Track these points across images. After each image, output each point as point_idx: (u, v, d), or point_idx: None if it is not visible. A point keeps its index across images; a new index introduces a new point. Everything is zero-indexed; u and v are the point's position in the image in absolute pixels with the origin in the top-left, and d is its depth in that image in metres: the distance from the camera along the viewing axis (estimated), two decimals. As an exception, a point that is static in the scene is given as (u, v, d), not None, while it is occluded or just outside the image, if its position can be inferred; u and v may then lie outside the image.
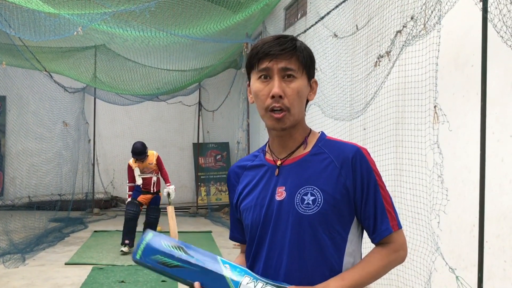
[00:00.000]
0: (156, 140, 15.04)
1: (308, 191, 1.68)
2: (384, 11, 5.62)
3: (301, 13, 9.94)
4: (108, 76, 11.79)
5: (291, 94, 1.67)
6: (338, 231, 1.68)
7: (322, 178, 1.69)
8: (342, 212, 1.68)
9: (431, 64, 4.60)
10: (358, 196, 1.68)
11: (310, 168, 1.72)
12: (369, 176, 1.69)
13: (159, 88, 12.59)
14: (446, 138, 4.68)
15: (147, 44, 9.57)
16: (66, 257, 8.20)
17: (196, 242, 9.59)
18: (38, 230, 9.91)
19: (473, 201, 4.27)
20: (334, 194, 1.66)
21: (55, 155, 13.23)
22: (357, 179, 1.68)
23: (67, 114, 13.05)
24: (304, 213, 1.67)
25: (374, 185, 1.70)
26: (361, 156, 1.70)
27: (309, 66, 1.74)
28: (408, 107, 5.26)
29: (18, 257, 7.87)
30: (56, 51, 10.09)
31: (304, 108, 1.78)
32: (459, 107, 4.66)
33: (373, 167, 1.72)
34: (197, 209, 14.23)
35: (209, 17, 8.39)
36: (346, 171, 1.68)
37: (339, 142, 1.77)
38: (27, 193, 12.88)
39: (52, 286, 6.59)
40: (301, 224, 1.67)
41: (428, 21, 4.39)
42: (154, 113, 15.20)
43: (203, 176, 14.80)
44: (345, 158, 1.69)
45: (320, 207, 1.65)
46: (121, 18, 7.47)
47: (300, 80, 1.70)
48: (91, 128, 14.32)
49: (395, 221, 1.72)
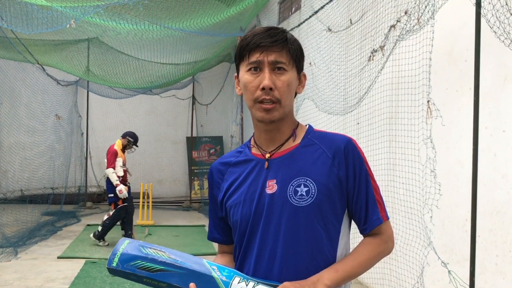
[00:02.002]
0: (150, 134, 15.02)
1: (301, 183, 1.66)
2: (378, 6, 5.62)
3: (295, 7, 9.92)
4: (101, 69, 11.74)
5: (281, 86, 1.66)
6: (332, 223, 1.67)
7: (314, 169, 1.67)
8: (336, 203, 1.67)
9: (424, 59, 4.60)
10: (351, 187, 1.68)
11: (301, 159, 1.71)
12: (360, 166, 1.69)
13: (152, 82, 12.55)
14: (439, 133, 4.69)
15: (140, 37, 9.53)
16: (59, 251, 8.19)
17: (189, 236, 9.60)
18: (30, 224, 9.88)
19: (466, 195, 4.29)
20: (328, 184, 1.65)
21: (48, 148, 13.18)
22: (349, 170, 1.68)
23: (60, 107, 12.99)
24: (298, 204, 1.65)
25: (366, 175, 1.70)
26: (352, 146, 1.70)
27: (299, 59, 1.73)
28: (402, 102, 5.27)
29: (10, 250, 7.85)
30: (49, 43, 10.04)
31: (293, 100, 1.77)
32: (452, 102, 4.67)
33: (364, 157, 1.72)
34: (191, 203, 14.23)
35: (203, 10, 8.36)
36: (339, 161, 1.68)
37: (329, 133, 1.77)
38: (19, 186, 12.83)
39: (45, 280, 6.58)
40: (296, 216, 1.65)
41: (422, 15, 4.39)
42: (147, 107, 15.17)
43: (197, 170, 14.80)
44: (337, 148, 1.69)
45: (315, 198, 1.64)
46: (114, 11, 7.42)
47: (290, 73, 1.68)
48: (84, 121, 14.28)
49: (384, 212, 1.73)
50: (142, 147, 14.83)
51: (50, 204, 11.74)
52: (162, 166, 15.37)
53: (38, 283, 6.43)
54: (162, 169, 15.33)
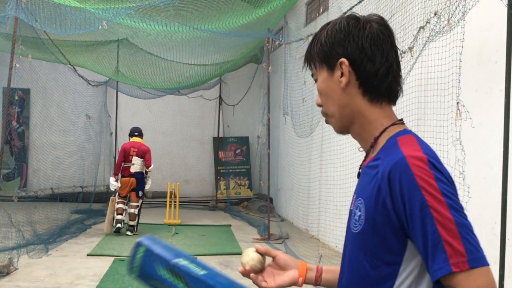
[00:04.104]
0: (177, 134, 15.17)
1: (359, 205, 1.37)
2: (407, 7, 5.60)
3: (322, 8, 9.92)
4: (130, 70, 11.92)
5: (320, 98, 1.47)
6: (384, 260, 1.31)
7: (367, 192, 1.35)
8: (386, 236, 1.29)
9: (454, 61, 4.57)
10: (403, 221, 1.26)
11: (367, 176, 1.38)
12: (412, 195, 1.23)
13: (180, 82, 12.68)
14: (469, 134, 4.66)
15: (169, 38, 9.64)
16: (88, 248, 8.34)
17: (215, 235, 9.67)
18: (61, 222, 10.09)
19: (495, 198, 4.25)
20: (374, 214, 1.30)
21: (78, 147, 13.42)
22: (396, 199, 1.26)
23: (90, 107, 13.21)
24: (352, 229, 1.39)
25: (421, 207, 1.22)
26: (402, 167, 1.25)
27: (323, 56, 1.43)
28: (430, 103, 5.24)
29: (41, 247, 8.01)
30: (80, 44, 10.23)
31: (346, 100, 1.41)
32: (481, 103, 4.63)
33: (421, 182, 1.23)
34: (217, 203, 14.32)
35: (232, 12, 8.43)
36: (385, 187, 1.28)
37: (397, 147, 1.33)
38: (50, 184, 13.07)
39: (75, 277, 6.71)
40: (348, 241, 1.43)
41: (452, 17, 4.37)
42: (175, 107, 15.31)
43: (223, 170, 14.89)
44: (384, 170, 1.29)
45: (362, 227, 1.34)
46: (145, 13, 7.54)
47: (320, 78, 1.44)
48: (113, 121, 14.49)
49: (460, 257, 1.19)
50: (169, 147, 15.01)
51: (79, 202, 11.95)
52: (189, 166, 15.50)
53: (68, 279, 6.56)
54: (189, 169, 15.45)
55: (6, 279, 6.42)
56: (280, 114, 11.58)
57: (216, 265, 7.27)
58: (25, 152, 14.19)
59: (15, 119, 13.83)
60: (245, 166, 15.24)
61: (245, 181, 15.10)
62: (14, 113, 13.77)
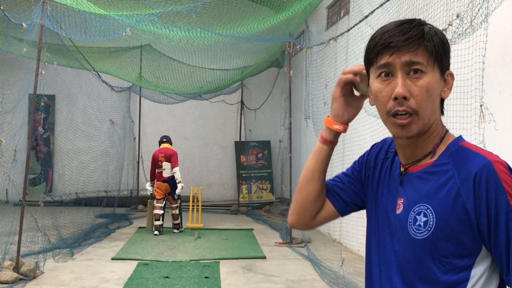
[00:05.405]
0: (199, 138, 15.27)
1: (422, 210, 1.36)
2: (429, 10, 5.58)
3: (343, 12, 9.92)
4: (153, 75, 12.05)
5: (419, 93, 1.35)
6: (455, 264, 1.33)
7: (438, 197, 1.34)
8: (461, 241, 1.31)
9: (477, 63, 4.54)
10: (484, 225, 1.29)
11: (430, 181, 1.38)
12: (498, 199, 1.27)
13: (202, 87, 12.77)
14: (492, 137, 4.62)
15: (191, 44, 9.74)
16: (113, 252, 8.43)
17: (238, 239, 9.70)
18: (85, 226, 10.24)
19: (520, 201, 4.20)
20: (449, 220, 1.31)
21: (102, 153, 13.60)
22: (480, 203, 1.28)
23: (114, 113, 13.36)
24: (414, 235, 1.37)
25: (507, 211, 1.26)
26: (489, 171, 1.29)
27: (441, 56, 1.38)
28: (453, 106, 5.20)
29: (66, 251, 8.13)
30: (104, 51, 10.38)
31: (439, 108, 1.44)
32: (505, 106, 4.59)
33: (508, 187, 1.27)
34: (239, 207, 14.36)
35: (253, 16, 8.48)
36: (467, 191, 1.30)
37: (471, 152, 1.37)
38: (75, 189, 13.26)
39: (100, 280, 6.79)
40: (408, 248, 1.40)
41: (475, 19, 4.34)
42: (197, 112, 15.41)
43: (245, 174, 14.93)
44: (467, 174, 1.31)
45: (430, 233, 1.33)
46: (168, 19, 7.62)
47: (430, 75, 1.36)
48: (136, 126, 14.66)
49: None
50: (191, 151, 15.10)
51: (103, 206, 12.10)
52: (211, 170, 15.58)
53: (94, 283, 6.64)
54: (211, 173, 15.54)
55: (32, 283, 6.53)
56: (301, 118, 11.58)
57: (239, 269, 7.30)
58: (51, 158, 14.42)
59: (41, 125, 13.97)
60: (267, 170, 15.26)
61: (267, 185, 15.12)
62: (40, 119, 13.90)
